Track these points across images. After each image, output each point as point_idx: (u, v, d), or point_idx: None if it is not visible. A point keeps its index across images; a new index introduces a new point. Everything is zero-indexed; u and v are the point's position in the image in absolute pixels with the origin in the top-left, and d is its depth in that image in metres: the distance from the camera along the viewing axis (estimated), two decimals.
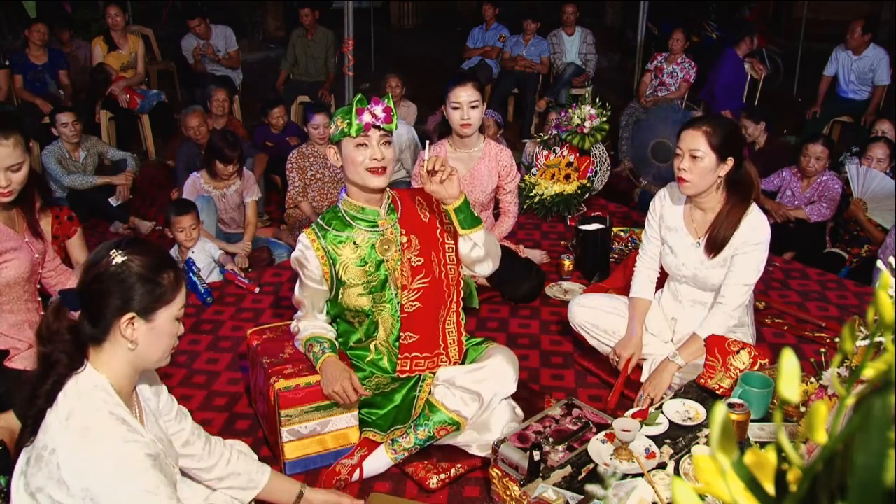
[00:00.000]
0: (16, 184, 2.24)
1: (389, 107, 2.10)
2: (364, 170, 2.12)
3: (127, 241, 1.54)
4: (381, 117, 2.09)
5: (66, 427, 1.40)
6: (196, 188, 4.06)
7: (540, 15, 6.85)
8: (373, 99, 2.10)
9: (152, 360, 1.56)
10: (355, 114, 2.07)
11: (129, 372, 1.53)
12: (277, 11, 9.84)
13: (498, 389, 2.26)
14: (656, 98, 5.90)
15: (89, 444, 1.39)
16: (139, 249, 1.51)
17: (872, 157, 4.03)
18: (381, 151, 2.11)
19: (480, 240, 2.21)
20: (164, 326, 1.52)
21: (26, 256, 2.36)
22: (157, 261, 1.51)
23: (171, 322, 1.53)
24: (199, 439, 1.79)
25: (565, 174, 4.39)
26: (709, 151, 2.32)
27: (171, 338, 1.55)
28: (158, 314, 1.50)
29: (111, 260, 1.47)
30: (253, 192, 4.18)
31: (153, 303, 1.49)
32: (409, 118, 5.50)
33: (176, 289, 1.52)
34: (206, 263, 3.67)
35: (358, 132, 2.09)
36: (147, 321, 1.49)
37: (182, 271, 1.58)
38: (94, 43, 5.96)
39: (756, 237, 2.38)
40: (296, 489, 1.94)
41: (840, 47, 5.78)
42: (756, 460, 0.58)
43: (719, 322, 2.43)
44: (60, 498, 1.39)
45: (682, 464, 1.94)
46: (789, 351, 0.55)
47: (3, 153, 2.19)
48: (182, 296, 1.55)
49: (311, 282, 2.23)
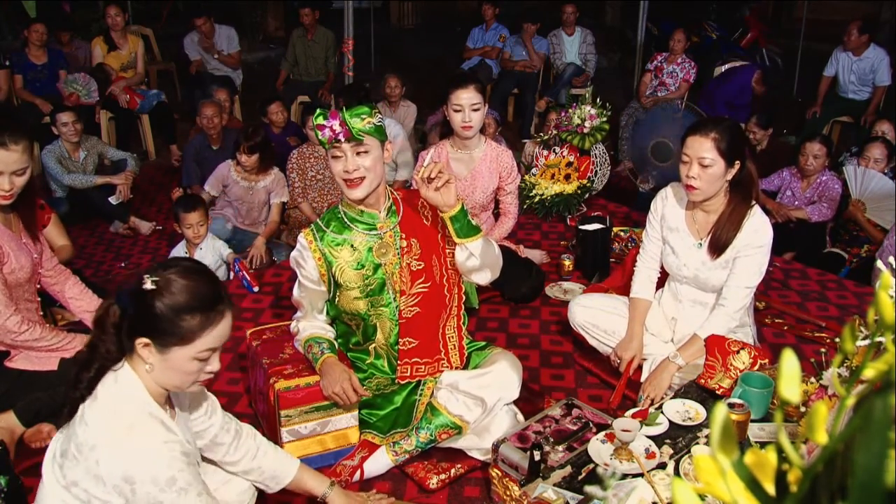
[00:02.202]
0: (17, 188, 2.28)
1: (344, 121, 2.04)
2: (341, 180, 2.12)
3: (172, 268, 1.49)
4: (340, 131, 2.04)
5: (110, 426, 1.43)
6: (224, 174, 4.14)
7: (540, 15, 6.86)
8: (331, 113, 2.06)
9: (171, 386, 1.53)
10: (317, 129, 2.07)
11: (154, 385, 1.51)
12: (277, 11, 9.85)
13: (502, 395, 2.25)
14: (656, 98, 5.90)
15: (132, 442, 1.41)
16: (174, 284, 1.46)
17: (870, 158, 4.04)
18: (354, 162, 2.08)
19: (477, 250, 2.16)
20: (179, 363, 1.48)
21: (26, 258, 2.36)
22: (185, 302, 1.45)
23: (187, 360, 1.48)
24: (227, 434, 1.80)
25: (565, 174, 4.39)
26: (718, 158, 2.29)
27: (190, 374, 1.50)
28: (172, 350, 1.46)
29: (143, 283, 1.46)
30: (281, 193, 4.23)
31: (168, 338, 1.46)
32: (408, 118, 5.50)
33: (198, 333, 1.46)
34: (214, 261, 3.67)
35: (326, 145, 2.09)
36: (160, 352, 1.47)
37: (219, 313, 1.50)
38: (94, 43, 5.96)
39: (758, 240, 2.38)
40: (322, 487, 1.93)
41: (840, 48, 5.78)
42: (756, 460, 0.58)
43: (720, 324, 2.43)
44: (97, 492, 1.42)
45: (682, 464, 1.94)
46: (789, 351, 0.55)
47: (12, 158, 2.23)
48: (209, 340, 1.48)
49: (309, 283, 2.23)
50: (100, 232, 4.80)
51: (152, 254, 4.50)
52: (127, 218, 4.73)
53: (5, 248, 2.29)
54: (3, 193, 2.25)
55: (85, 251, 4.47)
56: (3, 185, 2.24)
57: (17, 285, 2.35)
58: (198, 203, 3.66)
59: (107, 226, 4.81)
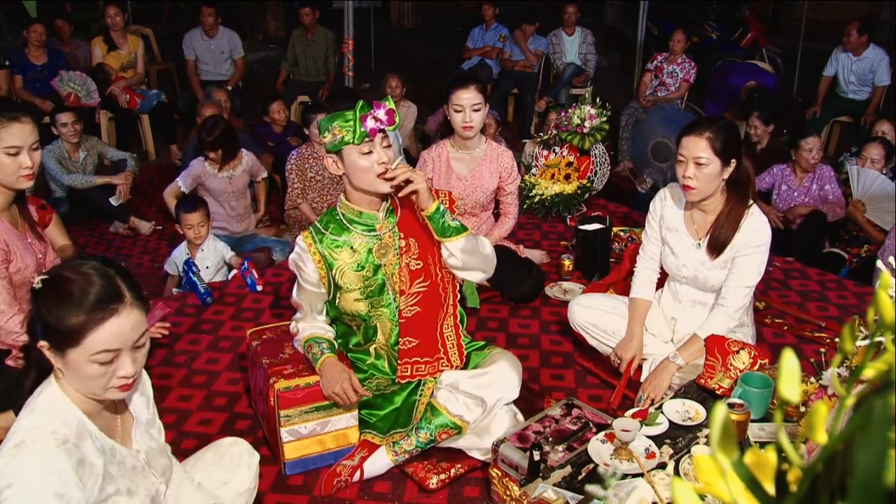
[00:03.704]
0: (36, 165, 2.26)
1: (391, 109, 2.06)
2: (375, 176, 2.09)
3: (68, 266, 1.41)
4: (385, 120, 2.05)
5: (8, 439, 1.35)
6: (199, 171, 4.12)
7: (540, 15, 6.86)
8: (374, 103, 2.05)
9: (86, 392, 1.42)
10: (359, 122, 2.03)
11: (79, 395, 1.42)
12: (277, 11, 9.84)
13: (501, 395, 2.25)
14: (656, 98, 5.90)
15: (12, 465, 1.30)
16: (60, 283, 1.37)
17: (867, 158, 4.05)
18: (385, 154, 2.09)
19: (457, 249, 2.18)
20: (77, 366, 1.37)
21: (31, 256, 2.37)
22: (66, 300, 1.35)
23: (84, 363, 1.36)
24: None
25: (565, 174, 4.40)
26: (713, 157, 2.30)
27: (93, 379, 1.38)
28: (68, 353, 1.36)
29: (34, 282, 1.39)
30: (261, 171, 4.36)
31: (57, 339, 1.36)
32: (408, 118, 5.50)
33: (84, 332, 1.34)
34: (215, 262, 3.67)
35: (362, 140, 2.06)
36: (58, 356, 1.38)
37: (111, 312, 1.38)
38: (94, 43, 5.96)
39: (757, 239, 2.38)
40: None
41: (839, 48, 5.78)
42: (756, 460, 0.58)
43: (720, 323, 2.43)
44: None
45: (682, 464, 1.94)
46: (789, 351, 0.55)
47: (27, 130, 2.22)
48: (101, 340, 1.35)
49: (309, 285, 2.22)
50: (100, 232, 4.80)
51: (152, 254, 4.50)
52: (127, 218, 4.73)
53: (11, 246, 2.29)
54: (26, 172, 2.23)
55: (85, 251, 4.46)
56: (24, 161, 2.21)
57: (22, 284, 2.35)
58: (199, 203, 3.66)
59: (107, 226, 4.81)
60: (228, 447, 1.92)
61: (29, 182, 2.27)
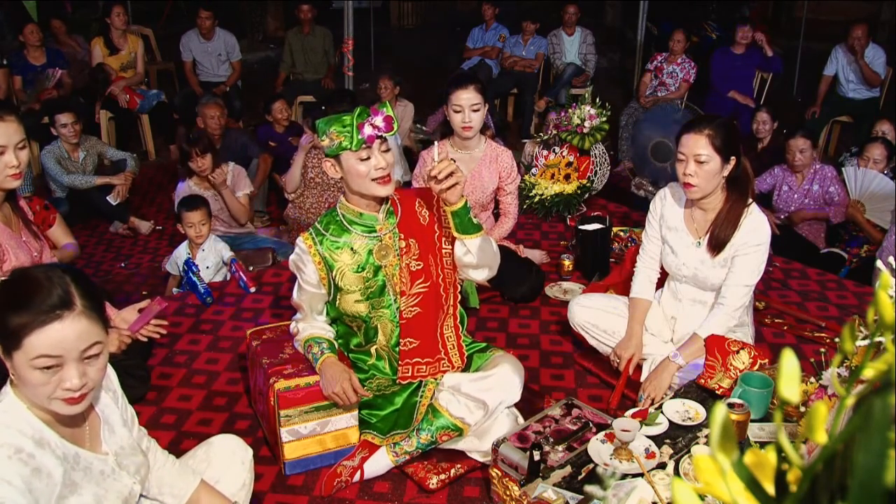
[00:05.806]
0: (24, 165, 2.22)
1: (390, 115, 2.06)
2: (370, 181, 2.09)
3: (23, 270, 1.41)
4: (382, 127, 2.05)
5: None
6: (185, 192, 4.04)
7: (540, 15, 6.86)
8: (371, 110, 2.05)
9: (36, 401, 1.38)
10: (356, 129, 2.03)
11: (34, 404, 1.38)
12: (277, 11, 9.85)
13: (503, 398, 2.25)
14: (656, 98, 5.90)
15: None
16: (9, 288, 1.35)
17: (869, 158, 4.05)
18: (383, 159, 2.08)
19: (474, 247, 2.18)
20: (21, 372, 1.33)
21: (26, 255, 2.36)
22: (10, 299, 1.33)
23: (27, 369, 1.32)
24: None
25: (565, 174, 4.39)
26: (713, 154, 2.31)
27: (38, 387, 1.33)
28: (13, 356, 1.33)
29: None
30: (243, 185, 4.15)
31: (5, 343, 1.33)
32: (406, 117, 5.49)
33: (24, 334, 1.31)
34: (215, 262, 3.67)
35: (359, 146, 2.05)
36: (7, 359, 1.35)
37: (55, 317, 1.33)
38: (94, 43, 5.95)
39: (756, 239, 2.38)
40: None
41: (840, 46, 5.78)
42: (756, 460, 0.58)
43: (720, 322, 2.43)
44: None
45: (682, 464, 1.94)
46: (789, 351, 0.55)
47: (12, 129, 2.17)
48: (40, 345, 1.31)
49: (309, 286, 2.22)
50: (100, 232, 4.80)
51: (152, 254, 4.50)
52: (127, 218, 4.73)
53: (4, 245, 2.28)
54: (13, 171, 2.18)
55: (85, 251, 4.46)
56: (10, 160, 2.17)
57: None
58: (200, 202, 3.65)
59: (107, 226, 4.81)
60: (219, 444, 1.91)
61: (16, 182, 2.23)
